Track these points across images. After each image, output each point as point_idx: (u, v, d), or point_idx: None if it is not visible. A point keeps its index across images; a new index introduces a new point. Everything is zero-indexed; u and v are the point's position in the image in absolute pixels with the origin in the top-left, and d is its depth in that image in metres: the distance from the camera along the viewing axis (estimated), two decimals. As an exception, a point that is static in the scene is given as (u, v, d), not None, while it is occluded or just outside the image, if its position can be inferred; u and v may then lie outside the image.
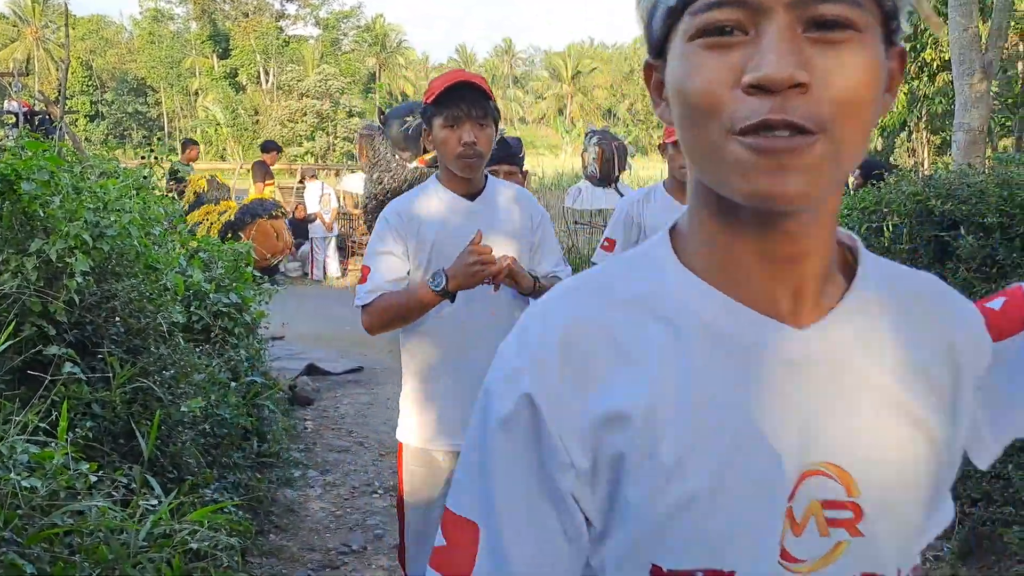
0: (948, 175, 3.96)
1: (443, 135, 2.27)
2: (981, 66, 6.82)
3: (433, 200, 2.37)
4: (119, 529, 2.19)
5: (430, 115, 2.30)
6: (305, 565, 3.52)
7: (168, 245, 3.92)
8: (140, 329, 2.92)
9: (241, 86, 43.12)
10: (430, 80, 2.41)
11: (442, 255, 2.26)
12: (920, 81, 12.63)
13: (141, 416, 2.76)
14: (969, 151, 6.68)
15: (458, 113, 2.23)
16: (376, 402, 6.00)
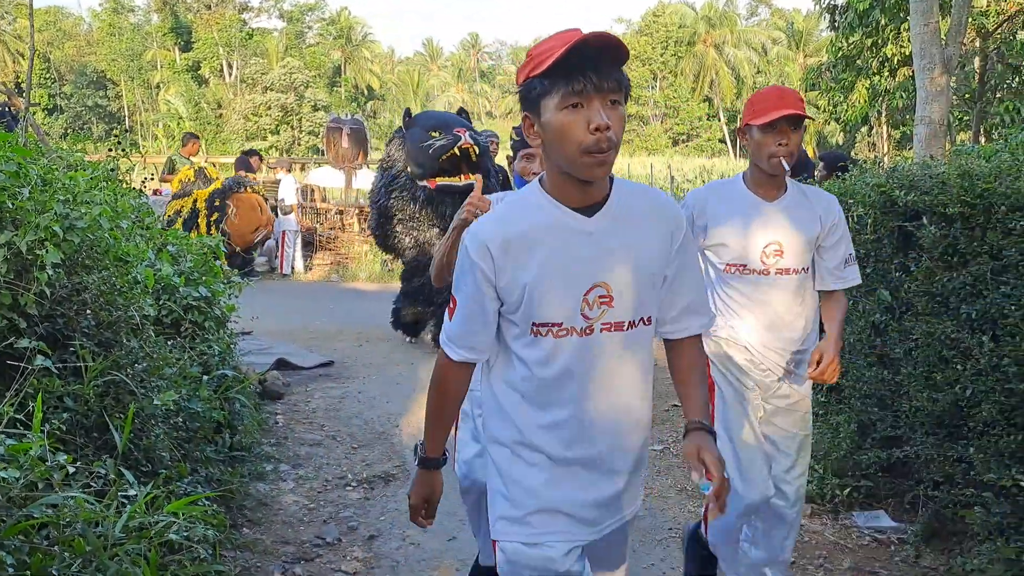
0: (911, 167, 4.05)
1: (561, 120, 1.62)
2: (941, 60, 6.96)
3: (537, 216, 1.75)
4: (96, 521, 2.18)
5: (537, 94, 1.67)
6: (279, 558, 3.51)
7: (136, 238, 3.88)
8: (111, 322, 2.89)
9: (204, 79, 42.55)
10: (532, 48, 1.67)
11: (546, 297, 1.73)
12: (881, 76, 12.85)
13: (114, 409, 2.74)
14: (930, 144, 6.82)
15: (584, 86, 1.60)
16: (348, 396, 5.99)
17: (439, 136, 6.76)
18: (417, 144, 6.83)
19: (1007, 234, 3.18)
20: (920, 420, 3.48)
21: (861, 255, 3.93)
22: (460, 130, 6.77)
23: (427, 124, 7.04)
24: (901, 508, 3.93)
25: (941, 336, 3.35)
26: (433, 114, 7.88)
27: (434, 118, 7.38)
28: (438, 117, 7.48)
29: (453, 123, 6.97)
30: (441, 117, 7.43)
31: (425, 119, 7.26)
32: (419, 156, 6.82)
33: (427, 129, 6.90)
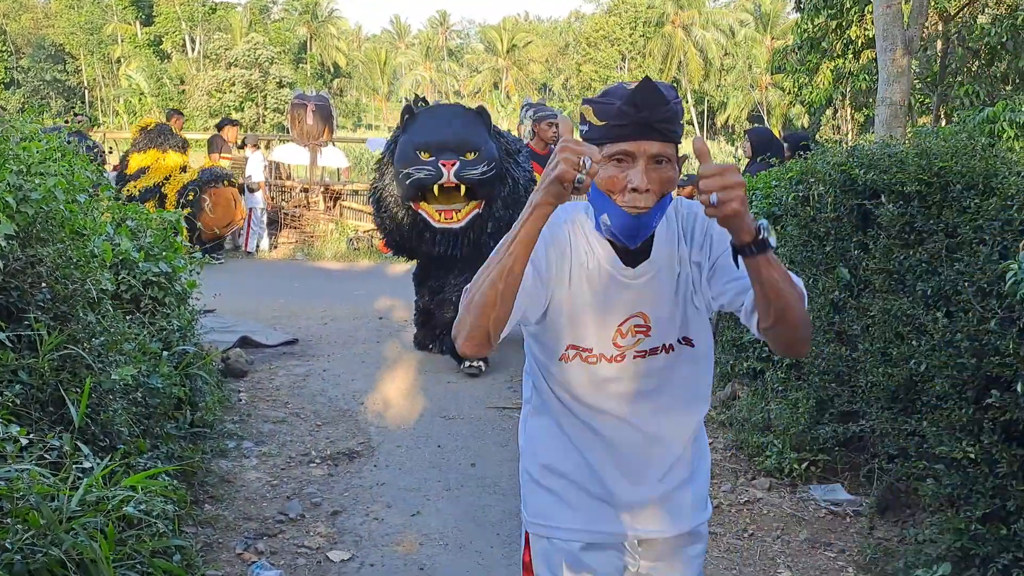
0: (871, 146, 4.10)
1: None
2: (903, 42, 7.04)
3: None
4: (51, 495, 2.15)
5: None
6: (242, 533, 3.50)
7: (94, 212, 3.81)
8: (67, 296, 2.84)
9: (166, 54, 41.74)
10: None
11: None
12: (846, 59, 12.95)
13: (70, 384, 2.70)
14: (891, 125, 6.92)
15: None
16: (312, 373, 5.96)
17: (425, 159, 5.52)
18: (399, 162, 5.67)
19: (962, 212, 3.25)
20: (876, 395, 3.55)
21: (821, 234, 3.98)
22: (447, 163, 5.46)
23: (419, 136, 5.63)
24: (857, 481, 4.02)
25: (897, 313, 3.41)
26: (432, 120, 5.77)
27: (429, 130, 5.67)
28: (434, 129, 5.67)
29: (451, 141, 5.57)
30: (437, 131, 5.64)
31: (421, 127, 5.71)
32: (400, 182, 5.71)
33: (416, 145, 5.58)
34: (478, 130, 5.74)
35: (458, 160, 5.47)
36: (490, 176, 5.62)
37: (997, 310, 2.90)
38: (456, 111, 5.94)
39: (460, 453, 4.53)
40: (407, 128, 5.76)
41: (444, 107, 6.13)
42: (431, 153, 5.52)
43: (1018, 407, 2.72)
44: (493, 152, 5.69)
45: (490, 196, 5.75)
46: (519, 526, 3.67)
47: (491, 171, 5.62)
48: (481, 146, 5.63)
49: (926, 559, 3.06)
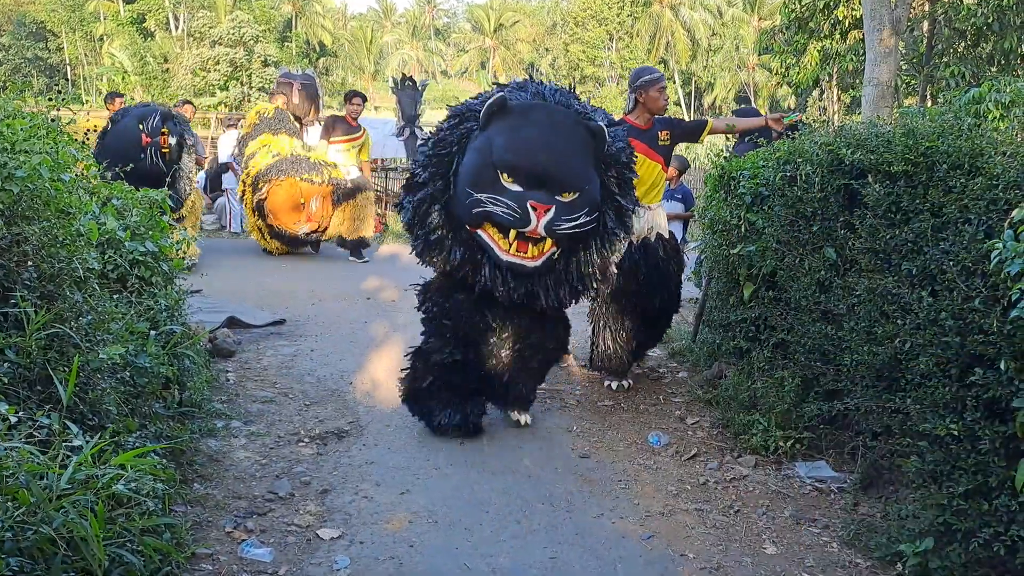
0: (858, 125, 4.12)
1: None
2: (890, 22, 7.05)
3: None
4: (40, 473, 2.15)
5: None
6: (231, 512, 3.51)
7: (80, 191, 3.78)
8: (54, 274, 2.83)
9: (149, 32, 41.22)
10: None
11: None
12: (832, 39, 12.97)
13: (58, 363, 2.69)
14: (877, 105, 6.94)
15: None
16: (300, 353, 5.95)
17: (508, 185, 3.94)
18: (470, 178, 4.01)
19: (947, 192, 3.27)
20: (861, 373, 3.58)
21: (808, 213, 4.00)
22: (539, 208, 3.91)
23: (507, 152, 3.97)
24: (841, 458, 4.07)
25: (882, 292, 3.44)
26: (530, 129, 4.03)
27: (522, 145, 3.98)
28: (529, 146, 3.98)
29: (550, 173, 3.96)
30: (533, 152, 3.97)
31: (511, 137, 4.00)
32: (461, 203, 4.06)
33: (501, 164, 3.95)
34: (585, 159, 4.10)
35: (554, 205, 3.94)
36: (587, 230, 4.11)
37: (981, 289, 2.93)
38: (563, 122, 4.09)
39: (449, 432, 4.54)
40: (490, 124, 4.06)
41: (548, 111, 4.10)
42: (519, 182, 3.94)
43: (1001, 385, 2.75)
44: (596, 195, 4.10)
45: (577, 242, 4.20)
46: (508, 503, 3.71)
47: (590, 223, 4.09)
48: (584, 186, 4.03)
49: (909, 534, 3.11)
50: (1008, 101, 4.63)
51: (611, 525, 3.55)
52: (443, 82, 58.26)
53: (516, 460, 4.20)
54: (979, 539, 2.76)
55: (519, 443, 4.42)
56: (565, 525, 3.54)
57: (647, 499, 3.80)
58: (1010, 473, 2.70)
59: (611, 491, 3.88)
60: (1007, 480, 2.72)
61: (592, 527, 3.53)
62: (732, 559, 3.30)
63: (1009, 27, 10.52)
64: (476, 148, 4.03)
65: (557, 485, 3.92)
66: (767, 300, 4.41)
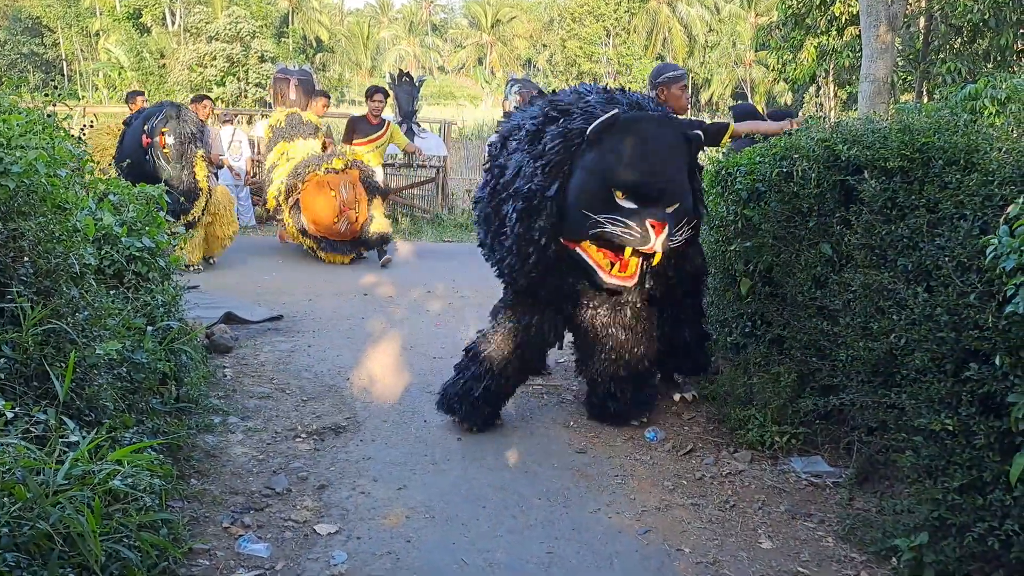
0: (854, 122, 4.12)
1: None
2: (887, 18, 7.05)
3: None
4: (37, 469, 2.16)
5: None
6: (228, 508, 3.51)
7: (76, 187, 3.78)
8: (50, 270, 2.83)
9: (146, 28, 41.08)
10: None
11: None
12: (829, 35, 12.97)
13: (54, 358, 2.69)
14: (874, 101, 6.94)
15: None
16: (297, 349, 5.95)
17: (621, 202, 3.85)
18: (581, 196, 3.90)
19: (943, 187, 3.28)
20: (856, 369, 3.59)
21: (804, 209, 4.01)
22: (656, 226, 3.80)
23: (622, 168, 3.86)
24: (837, 453, 4.08)
25: (878, 287, 3.45)
26: (641, 146, 3.90)
27: (635, 162, 3.87)
28: (642, 162, 3.88)
29: (662, 188, 3.91)
30: (646, 168, 3.88)
31: (623, 154, 3.87)
32: (572, 221, 3.95)
33: (616, 183, 3.85)
34: (683, 170, 4.07)
35: (668, 221, 3.85)
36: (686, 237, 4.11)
37: (977, 284, 2.94)
38: (666, 133, 4.02)
39: (446, 428, 4.55)
40: (600, 142, 3.89)
41: (652, 122, 4.02)
42: (633, 199, 3.86)
43: (996, 380, 2.76)
44: (690, 204, 4.10)
45: None
46: (505, 499, 3.72)
47: (691, 234, 4.16)
48: (685, 195, 4.01)
49: (904, 529, 3.13)
50: (1004, 97, 4.64)
51: (607, 520, 3.56)
52: (440, 78, 58.16)
53: (513, 455, 4.21)
54: (974, 533, 2.77)
55: (516, 439, 4.43)
56: (562, 520, 3.55)
57: (643, 494, 3.81)
58: (1004, 468, 2.71)
59: (608, 486, 3.89)
60: (1002, 475, 2.73)
61: (589, 522, 3.54)
62: (728, 554, 3.31)
63: (1005, 23, 10.53)
64: (587, 167, 3.91)
65: (554, 480, 3.93)
66: (763, 296, 4.42)
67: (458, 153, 15.47)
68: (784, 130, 4.91)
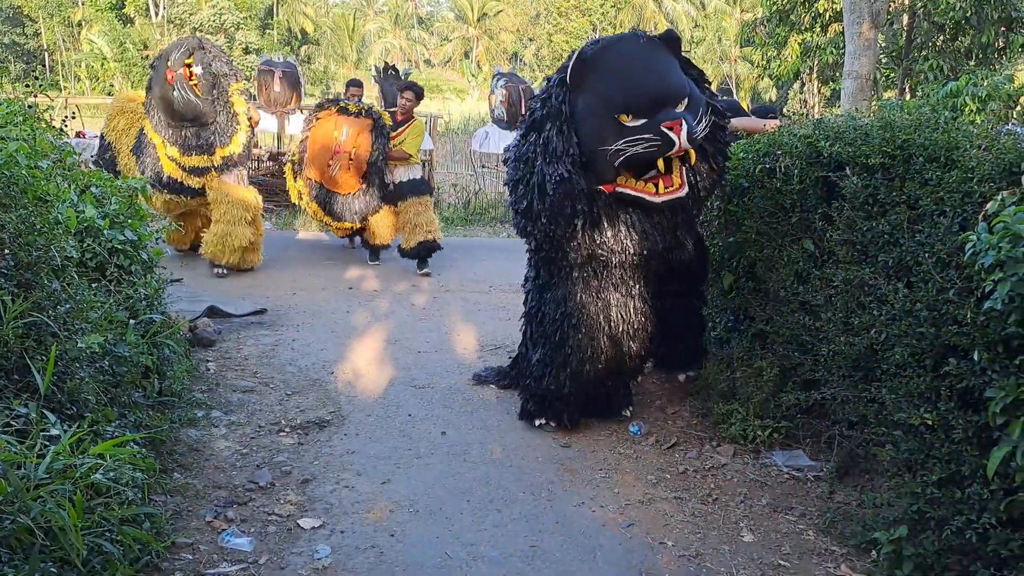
0: (836, 118, 4.15)
1: None
2: (870, 15, 7.09)
3: None
4: (18, 463, 2.14)
5: None
6: (211, 502, 3.51)
7: (57, 178, 3.75)
8: (31, 263, 2.80)
9: (129, 19, 40.72)
10: None
11: None
12: (813, 32, 13.03)
13: (35, 352, 2.67)
14: (856, 98, 6.98)
15: None
16: (281, 343, 5.94)
17: (635, 127, 3.81)
18: (594, 137, 3.91)
19: (924, 184, 3.31)
20: (838, 363, 3.62)
21: (787, 205, 4.03)
22: (674, 126, 3.76)
23: (615, 92, 3.86)
24: (818, 447, 4.12)
25: (859, 283, 3.48)
26: (621, 64, 3.93)
27: (624, 80, 3.88)
28: (631, 78, 3.88)
29: (661, 92, 3.86)
30: (636, 80, 3.86)
31: (609, 79, 3.90)
32: (597, 164, 3.94)
33: (616, 107, 3.84)
34: (673, 66, 4.02)
35: (682, 117, 3.80)
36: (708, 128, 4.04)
37: (956, 281, 2.97)
38: (641, 47, 3.98)
39: (430, 422, 4.56)
40: (583, 83, 3.94)
41: (624, 41, 4.02)
42: (640, 115, 3.81)
43: (974, 375, 2.79)
44: (700, 95, 4.04)
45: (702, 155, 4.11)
46: (489, 492, 3.73)
47: (709, 121, 4.03)
48: (685, 89, 3.96)
49: (884, 522, 3.16)
50: (985, 95, 4.69)
51: (591, 514, 3.58)
52: (426, 71, 57.96)
53: (497, 449, 4.22)
54: (952, 527, 2.81)
55: (500, 432, 4.44)
56: (546, 514, 3.56)
57: (627, 488, 3.83)
58: (982, 462, 2.74)
59: (592, 480, 3.91)
60: (979, 469, 2.76)
61: (572, 516, 3.55)
62: (710, 547, 3.34)
63: (987, 21, 10.62)
64: (583, 111, 3.94)
65: (538, 474, 3.95)
66: (746, 291, 4.44)
67: (444, 147, 15.44)
68: (764, 130, 4.88)
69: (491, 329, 6.48)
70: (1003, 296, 2.56)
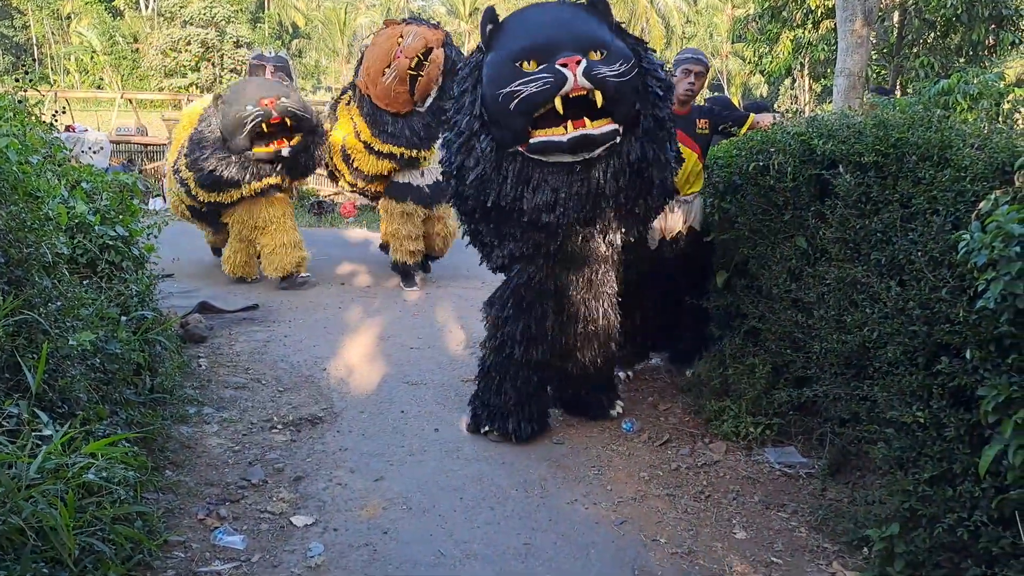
0: (830, 116, 4.16)
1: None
2: (862, 12, 7.10)
3: None
4: (9, 463, 2.13)
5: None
6: (203, 499, 3.49)
7: (48, 174, 3.72)
8: (22, 260, 2.78)
9: (118, 11, 40.46)
10: None
11: None
12: (805, 28, 13.05)
13: (26, 350, 2.65)
14: (848, 96, 6.99)
15: None
16: (273, 339, 5.92)
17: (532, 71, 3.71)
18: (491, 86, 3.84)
19: (916, 183, 3.31)
20: (830, 361, 3.63)
21: (780, 203, 4.04)
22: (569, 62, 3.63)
23: (515, 43, 3.83)
24: (810, 444, 4.13)
25: (852, 281, 3.48)
26: (529, 24, 3.96)
27: (528, 33, 3.87)
28: (535, 30, 3.87)
29: (565, 40, 3.77)
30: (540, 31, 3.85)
31: (514, 35, 3.91)
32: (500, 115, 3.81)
33: (514, 55, 3.78)
34: (599, 24, 3.92)
35: (583, 57, 3.68)
36: (631, 79, 3.78)
37: (949, 279, 2.98)
38: (557, 5, 4.03)
39: (423, 418, 4.55)
40: (492, 43, 3.92)
41: (537, 5, 4.06)
42: (541, 60, 3.72)
43: (966, 373, 2.80)
44: (627, 51, 3.87)
45: (629, 117, 3.85)
46: (482, 490, 3.73)
47: (632, 71, 3.79)
48: (608, 42, 3.81)
49: (875, 519, 3.17)
50: (976, 93, 4.70)
51: (584, 511, 3.58)
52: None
53: (490, 446, 4.21)
54: (943, 524, 2.82)
55: (493, 429, 4.43)
56: (539, 511, 3.56)
57: (620, 485, 3.84)
58: (974, 460, 2.75)
59: (584, 477, 3.91)
60: (971, 467, 2.78)
61: (566, 513, 3.55)
62: (703, 544, 3.34)
63: (977, 19, 10.66)
64: (490, 63, 3.85)
65: (531, 471, 3.95)
66: (739, 288, 4.45)
67: (436, 140, 15.38)
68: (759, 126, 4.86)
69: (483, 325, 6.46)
70: (995, 295, 2.57)
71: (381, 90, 7.27)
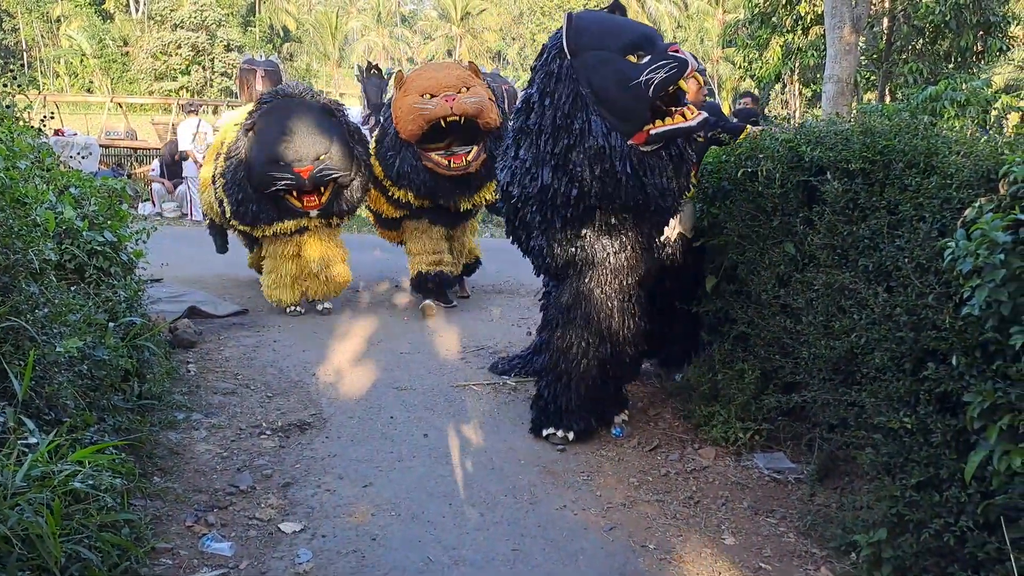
0: (818, 123, 4.18)
1: None
2: (851, 19, 7.14)
3: None
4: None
5: None
6: (192, 506, 3.48)
7: (36, 180, 3.70)
8: (8, 266, 2.77)
9: (108, 14, 40.34)
10: None
11: None
12: (795, 34, 13.11)
13: (13, 356, 2.64)
14: (837, 101, 7.03)
15: None
16: (262, 344, 5.90)
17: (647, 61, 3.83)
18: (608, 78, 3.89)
19: (903, 190, 3.33)
20: (818, 367, 3.65)
21: (768, 209, 4.05)
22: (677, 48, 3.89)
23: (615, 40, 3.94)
24: (799, 450, 4.14)
25: (839, 287, 3.50)
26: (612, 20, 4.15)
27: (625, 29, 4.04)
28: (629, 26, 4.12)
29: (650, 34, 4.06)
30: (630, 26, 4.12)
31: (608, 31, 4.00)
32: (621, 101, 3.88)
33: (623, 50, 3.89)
34: None
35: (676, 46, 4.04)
36: None
37: (935, 286, 3.00)
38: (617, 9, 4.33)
39: (412, 424, 4.55)
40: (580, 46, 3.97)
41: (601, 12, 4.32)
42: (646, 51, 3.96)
43: (952, 379, 2.82)
44: None
45: None
46: (471, 496, 3.73)
47: None
48: None
49: (863, 525, 3.18)
50: (964, 99, 4.73)
51: (573, 517, 3.58)
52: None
53: (479, 452, 4.21)
54: (930, 530, 2.83)
55: (483, 434, 4.44)
56: (528, 517, 3.56)
57: (609, 490, 3.84)
58: (960, 465, 2.77)
59: (573, 483, 3.91)
60: (957, 472, 2.79)
61: (555, 519, 3.56)
62: (692, 550, 3.35)
63: (965, 25, 10.73)
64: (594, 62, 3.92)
65: (520, 477, 3.95)
66: (728, 293, 4.46)
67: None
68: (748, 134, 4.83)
69: (473, 330, 6.47)
70: (981, 302, 2.59)
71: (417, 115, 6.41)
